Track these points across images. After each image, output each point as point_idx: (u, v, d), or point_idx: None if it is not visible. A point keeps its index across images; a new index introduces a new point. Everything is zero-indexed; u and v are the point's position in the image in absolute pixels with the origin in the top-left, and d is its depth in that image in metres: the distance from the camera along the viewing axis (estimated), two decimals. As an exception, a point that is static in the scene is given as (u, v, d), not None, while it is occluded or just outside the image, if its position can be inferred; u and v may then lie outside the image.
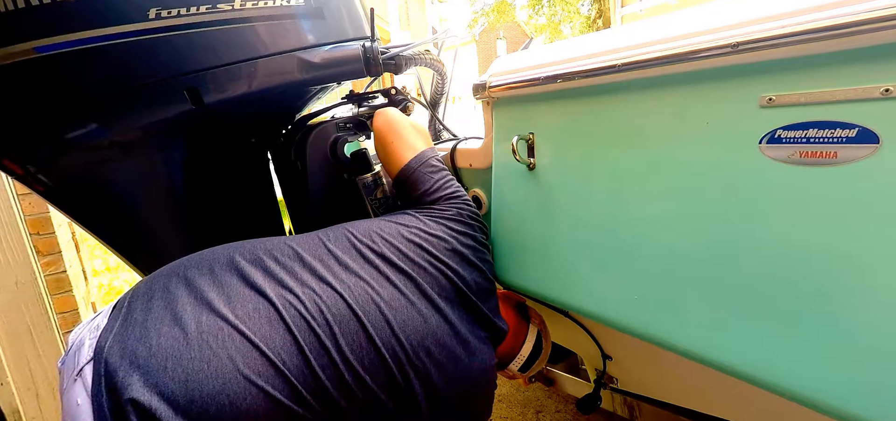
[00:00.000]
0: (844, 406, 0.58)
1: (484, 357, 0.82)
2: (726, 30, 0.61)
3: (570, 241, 0.89)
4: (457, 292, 0.83)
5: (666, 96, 0.70)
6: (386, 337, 0.71)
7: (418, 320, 0.75)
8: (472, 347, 0.80)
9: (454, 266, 0.84)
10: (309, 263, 0.75)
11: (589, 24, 19.63)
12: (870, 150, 0.53)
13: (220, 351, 0.60)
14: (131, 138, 0.94)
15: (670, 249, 0.73)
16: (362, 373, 0.68)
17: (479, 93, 1.01)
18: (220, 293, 0.67)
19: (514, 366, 0.96)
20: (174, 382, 0.57)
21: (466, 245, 0.88)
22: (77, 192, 0.98)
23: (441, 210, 0.92)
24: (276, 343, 0.63)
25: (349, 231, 0.84)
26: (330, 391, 0.65)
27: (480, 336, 0.83)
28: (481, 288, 0.87)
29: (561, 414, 1.84)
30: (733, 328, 0.67)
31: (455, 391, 0.77)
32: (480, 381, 0.81)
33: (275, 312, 0.66)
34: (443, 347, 0.76)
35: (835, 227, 0.57)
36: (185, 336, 0.60)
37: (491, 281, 0.91)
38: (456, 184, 0.98)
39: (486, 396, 0.85)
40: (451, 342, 0.77)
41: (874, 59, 0.52)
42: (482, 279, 0.88)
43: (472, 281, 0.85)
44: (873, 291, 0.55)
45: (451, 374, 0.76)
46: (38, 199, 1.69)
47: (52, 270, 1.77)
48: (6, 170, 0.90)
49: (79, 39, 0.78)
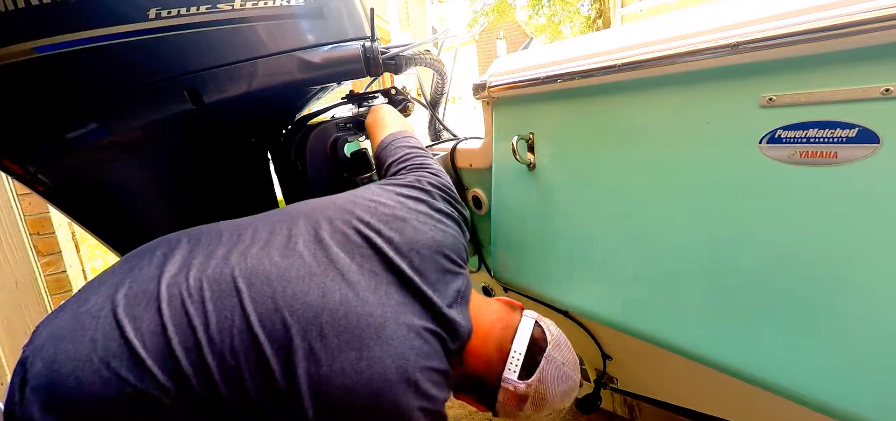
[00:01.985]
0: (844, 406, 0.58)
1: (411, 352, 0.60)
2: (726, 30, 0.61)
3: (570, 241, 0.89)
4: (385, 264, 0.65)
5: (666, 96, 0.70)
6: (266, 312, 0.58)
7: (315, 294, 0.60)
8: (389, 334, 0.60)
9: (389, 233, 0.68)
10: (233, 239, 0.66)
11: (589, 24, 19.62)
12: (870, 150, 0.53)
13: (89, 331, 0.56)
14: (131, 138, 0.94)
15: (670, 249, 0.73)
16: (228, 356, 0.55)
17: (479, 93, 1.01)
18: (126, 276, 0.61)
19: (511, 375, 0.69)
20: (43, 363, 0.54)
21: (418, 211, 0.74)
22: (77, 192, 0.98)
23: (398, 178, 0.83)
24: (142, 324, 0.56)
25: (301, 204, 0.75)
26: (188, 377, 0.54)
27: (416, 327, 0.63)
28: (431, 263, 0.69)
29: (561, 414, 1.83)
30: (733, 328, 0.67)
31: (354, 392, 0.57)
32: (398, 386, 0.58)
33: (155, 291, 0.58)
34: (343, 330, 0.58)
35: (835, 227, 0.57)
36: (74, 319, 0.57)
37: (456, 261, 0.74)
38: (428, 158, 0.88)
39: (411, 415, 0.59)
40: (358, 324, 0.59)
41: (874, 59, 0.51)
42: (435, 253, 0.70)
43: (415, 252, 0.68)
44: (873, 290, 0.55)
45: (350, 367, 0.57)
46: (38, 199, 1.69)
47: (52, 270, 1.77)
48: (6, 170, 0.90)
49: (79, 39, 0.78)
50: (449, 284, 0.70)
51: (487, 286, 1.37)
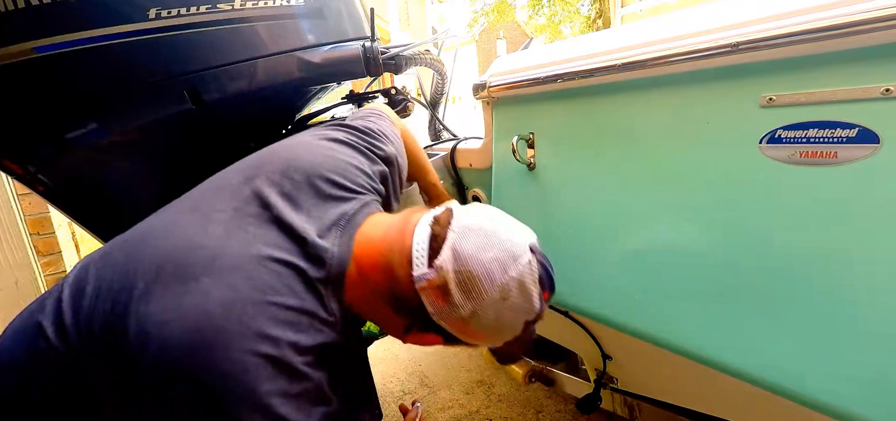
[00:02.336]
0: (844, 406, 0.58)
1: (245, 284, 0.50)
2: (726, 30, 0.61)
3: (569, 240, 0.89)
4: (253, 196, 0.59)
5: (666, 96, 0.70)
6: (117, 265, 0.54)
7: (167, 240, 0.55)
8: (222, 264, 0.51)
9: (268, 167, 0.63)
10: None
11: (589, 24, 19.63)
12: (870, 150, 0.53)
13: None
14: (131, 138, 0.94)
15: (670, 249, 0.73)
16: (85, 309, 0.51)
17: (479, 93, 1.01)
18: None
19: (419, 269, 0.54)
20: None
21: (309, 140, 0.70)
22: (77, 192, 0.98)
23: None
24: (65, 283, 0.56)
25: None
26: (65, 327, 0.51)
27: (260, 256, 0.53)
28: (306, 188, 0.62)
29: (561, 414, 1.84)
30: (733, 328, 0.67)
31: (170, 326, 0.47)
32: (221, 321, 0.48)
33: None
34: (179, 266, 0.51)
35: (835, 227, 0.57)
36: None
37: (343, 185, 0.65)
38: (376, 115, 0.83)
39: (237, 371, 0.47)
40: (194, 258, 0.52)
41: (874, 59, 0.52)
42: (312, 177, 0.63)
43: (288, 178, 0.61)
44: (873, 290, 0.55)
45: (172, 301, 0.49)
46: (38, 199, 1.69)
47: (52, 270, 1.77)
48: (6, 170, 0.90)
49: (79, 39, 0.78)
50: (329, 210, 0.61)
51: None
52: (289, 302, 0.52)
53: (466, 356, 2.35)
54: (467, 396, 2.00)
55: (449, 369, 2.23)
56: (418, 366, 2.32)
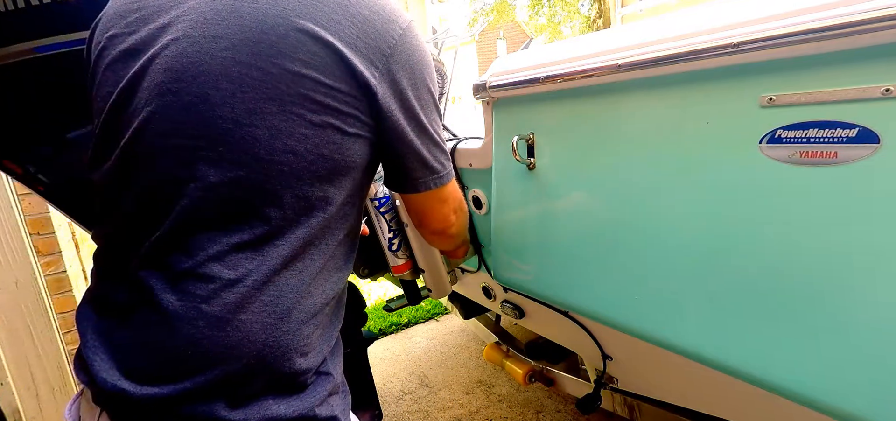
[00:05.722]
0: (844, 406, 0.58)
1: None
2: (726, 30, 0.61)
3: (569, 241, 0.89)
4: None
5: (666, 96, 0.70)
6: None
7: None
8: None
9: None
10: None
11: (589, 24, 19.63)
12: (870, 150, 0.53)
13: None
14: (131, 138, 0.94)
15: (670, 249, 0.73)
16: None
17: (479, 93, 1.01)
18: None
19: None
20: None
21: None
22: (77, 192, 0.98)
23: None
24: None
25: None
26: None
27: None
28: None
29: (561, 414, 1.84)
30: (733, 328, 0.67)
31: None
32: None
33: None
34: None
35: (835, 227, 0.57)
36: None
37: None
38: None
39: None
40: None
41: (874, 59, 0.51)
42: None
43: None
44: (873, 290, 0.55)
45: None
46: (38, 199, 1.69)
47: (52, 270, 1.77)
48: (6, 170, 0.90)
49: (79, 39, 0.78)
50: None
51: (487, 286, 1.37)
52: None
53: (466, 356, 2.35)
54: (467, 396, 1.99)
55: (449, 369, 2.23)
56: (418, 366, 2.32)
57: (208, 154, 0.55)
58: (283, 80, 0.54)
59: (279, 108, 0.55)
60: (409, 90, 0.63)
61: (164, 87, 0.55)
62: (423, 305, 2.84)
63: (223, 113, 0.54)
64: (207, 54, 0.55)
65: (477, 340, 2.45)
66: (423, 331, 2.69)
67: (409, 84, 0.63)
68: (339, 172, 0.61)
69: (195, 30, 0.56)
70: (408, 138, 0.65)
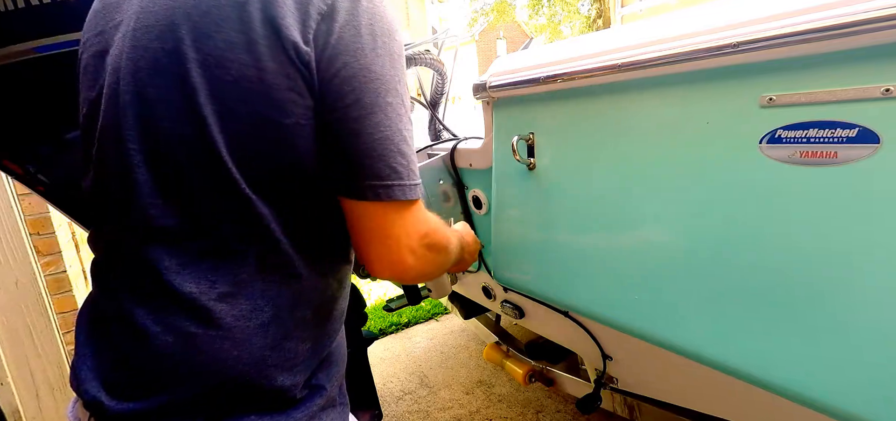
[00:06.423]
0: (844, 406, 0.58)
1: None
2: (726, 30, 0.61)
3: (570, 241, 0.89)
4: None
5: (666, 96, 0.70)
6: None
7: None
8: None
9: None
10: None
11: (589, 24, 19.63)
12: (870, 150, 0.53)
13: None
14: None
15: (670, 249, 0.73)
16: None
17: (479, 93, 1.01)
18: None
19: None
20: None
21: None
22: (77, 193, 0.99)
23: None
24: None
25: None
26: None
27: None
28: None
29: (561, 414, 1.84)
30: (733, 328, 0.67)
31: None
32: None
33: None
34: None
35: (835, 227, 0.57)
36: None
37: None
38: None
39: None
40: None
41: (874, 59, 0.51)
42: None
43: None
44: (873, 290, 0.55)
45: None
46: (38, 199, 1.69)
47: (52, 270, 1.77)
48: (6, 170, 0.91)
49: (79, 39, 0.78)
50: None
51: (487, 286, 1.37)
52: None
53: (466, 356, 2.35)
54: (467, 396, 2.00)
55: (449, 369, 2.23)
56: (418, 366, 2.32)
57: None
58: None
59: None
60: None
61: (111, 89, 0.53)
62: (423, 305, 2.84)
63: (159, 112, 0.50)
64: (141, 47, 0.51)
65: (477, 340, 2.45)
66: (423, 331, 2.69)
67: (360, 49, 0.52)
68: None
69: (134, 22, 0.52)
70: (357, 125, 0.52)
